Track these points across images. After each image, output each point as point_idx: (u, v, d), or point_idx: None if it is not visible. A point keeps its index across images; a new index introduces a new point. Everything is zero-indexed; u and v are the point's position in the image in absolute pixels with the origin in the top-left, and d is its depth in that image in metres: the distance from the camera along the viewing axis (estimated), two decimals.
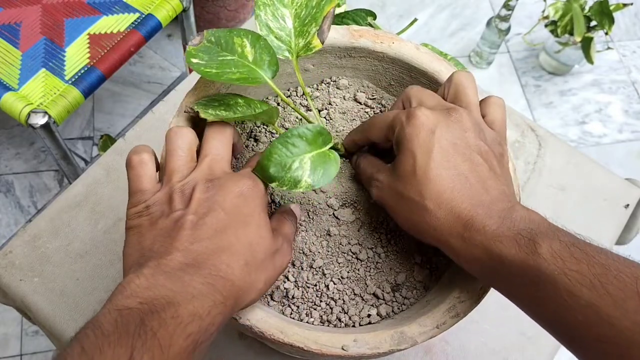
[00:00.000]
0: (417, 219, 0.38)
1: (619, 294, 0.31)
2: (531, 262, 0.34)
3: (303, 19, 0.43)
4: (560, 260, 0.33)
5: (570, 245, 0.34)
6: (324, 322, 0.43)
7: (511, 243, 0.35)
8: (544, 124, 1.56)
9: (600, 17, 1.36)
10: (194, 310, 0.31)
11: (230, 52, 0.41)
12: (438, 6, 1.74)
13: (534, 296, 0.34)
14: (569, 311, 0.32)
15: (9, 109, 0.90)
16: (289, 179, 0.39)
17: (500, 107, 0.43)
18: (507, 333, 0.59)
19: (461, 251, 0.37)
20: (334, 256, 0.45)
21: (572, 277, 0.32)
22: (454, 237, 0.37)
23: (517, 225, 0.36)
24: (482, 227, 0.36)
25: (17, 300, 0.58)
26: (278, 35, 0.43)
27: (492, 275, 0.37)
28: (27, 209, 1.36)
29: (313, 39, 0.43)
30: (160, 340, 0.29)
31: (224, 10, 1.48)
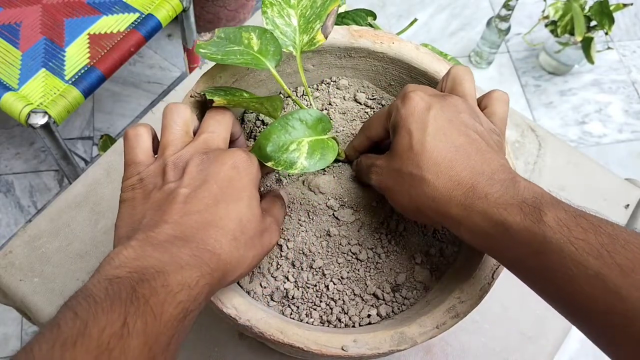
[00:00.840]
0: (416, 192, 0.38)
1: (627, 263, 0.30)
2: (536, 230, 0.33)
3: (308, 18, 0.44)
4: (567, 229, 0.32)
5: (576, 215, 0.33)
6: (324, 323, 0.43)
7: (515, 210, 0.34)
8: (544, 124, 1.56)
9: (600, 17, 1.36)
10: (183, 280, 0.31)
11: (237, 44, 0.42)
12: (438, 6, 1.74)
13: (539, 266, 0.33)
14: (575, 281, 0.31)
15: (9, 109, 0.90)
16: (285, 159, 0.39)
17: (503, 102, 0.42)
18: (507, 333, 0.59)
19: (462, 220, 0.36)
20: (333, 256, 0.45)
21: (579, 246, 0.31)
22: (454, 206, 0.36)
23: (521, 193, 0.35)
24: (484, 194, 0.35)
25: (17, 301, 0.58)
26: (283, 31, 0.44)
27: (495, 245, 0.36)
28: (27, 209, 1.36)
29: (317, 34, 0.44)
30: (153, 307, 0.29)
31: (224, 10, 1.48)
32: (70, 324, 0.28)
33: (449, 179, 0.37)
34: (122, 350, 0.27)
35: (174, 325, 0.30)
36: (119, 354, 0.27)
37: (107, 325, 0.28)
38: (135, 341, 0.28)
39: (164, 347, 0.29)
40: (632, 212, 0.69)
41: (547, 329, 0.60)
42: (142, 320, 0.28)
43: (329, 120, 0.42)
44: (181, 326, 0.31)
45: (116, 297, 0.29)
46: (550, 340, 0.59)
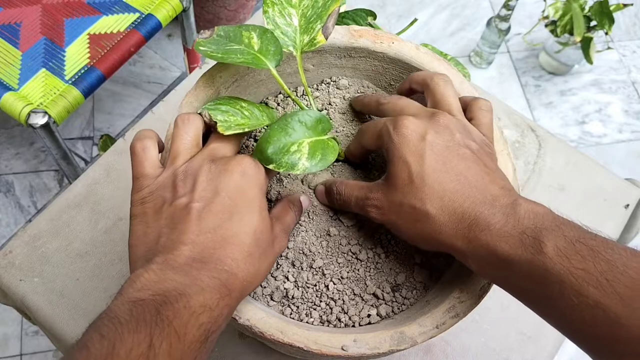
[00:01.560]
0: (421, 226, 0.38)
1: (626, 292, 0.31)
2: (537, 263, 0.33)
3: (308, 18, 0.44)
4: (566, 259, 0.32)
5: (575, 241, 0.33)
6: (324, 322, 0.43)
7: (517, 243, 0.34)
8: (544, 124, 1.56)
9: (600, 17, 1.36)
10: (204, 302, 0.32)
11: (237, 43, 0.42)
12: (438, 6, 1.74)
13: (542, 296, 0.34)
14: (577, 310, 0.32)
15: (9, 109, 0.90)
16: (286, 161, 0.39)
17: (488, 111, 0.43)
18: (507, 333, 0.59)
19: (468, 253, 0.37)
20: (333, 256, 0.45)
21: (579, 276, 0.32)
22: (459, 240, 0.37)
23: (522, 222, 0.35)
24: (487, 226, 0.36)
25: (17, 301, 0.58)
26: (284, 31, 0.44)
27: (501, 276, 0.37)
28: (27, 209, 1.36)
29: (317, 35, 0.44)
30: (177, 328, 0.30)
31: (224, 10, 1.48)
32: (98, 346, 0.28)
33: (453, 212, 0.37)
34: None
35: (197, 347, 0.31)
36: None
37: (133, 347, 0.28)
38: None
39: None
40: (632, 212, 0.69)
41: (547, 329, 0.59)
42: (167, 342, 0.29)
43: (328, 121, 0.42)
44: (203, 348, 0.31)
45: (141, 319, 0.29)
46: (550, 340, 0.59)
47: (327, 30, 0.44)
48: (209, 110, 0.40)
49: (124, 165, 0.64)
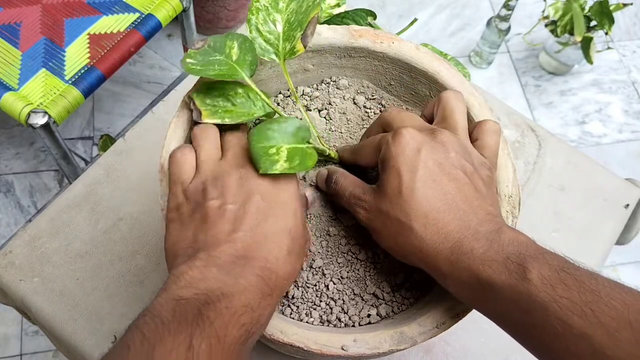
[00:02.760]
0: (403, 240, 0.38)
1: (611, 323, 0.30)
2: (521, 289, 0.33)
3: (292, 24, 0.44)
4: (551, 287, 0.32)
5: (559, 270, 0.33)
6: (324, 322, 0.43)
7: (500, 268, 0.34)
8: (544, 124, 1.56)
9: (600, 17, 1.36)
10: (246, 302, 0.32)
11: (219, 53, 0.43)
12: (438, 6, 1.74)
13: (524, 323, 0.34)
14: (561, 340, 0.32)
15: (9, 109, 0.90)
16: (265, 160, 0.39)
17: (495, 134, 0.42)
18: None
19: (448, 274, 0.37)
20: (333, 256, 0.45)
21: (563, 305, 0.32)
22: (440, 260, 0.37)
23: (506, 248, 0.35)
24: (470, 249, 0.36)
25: (17, 300, 0.58)
26: (267, 38, 0.44)
27: (481, 300, 0.36)
28: (27, 209, 1.36)
29: (297, 43, 0.43)
30: (217, 329, 0.30)
31: (224, 10, 1.48)
32: (139, 346, 0.29)
33: (437, 232, 0.37)
34: None
35: (237, 348, 0.31)
36: None
37: (173, 349, 0.29)
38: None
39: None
40: (632, 212, 0.69)
41: None
42: (207, 343, 0.29)
43: (307, 129, 0.42)
44: (243, 349, 0.32)
45: (182, 319, 0.30)
46: None
47: (306, 38, 0.43)
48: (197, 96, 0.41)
49: (124, 166, 0.64)
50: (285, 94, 0.51)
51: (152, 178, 0.63)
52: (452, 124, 0.41)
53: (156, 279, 0.58)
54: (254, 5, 0.44)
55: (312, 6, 0.44)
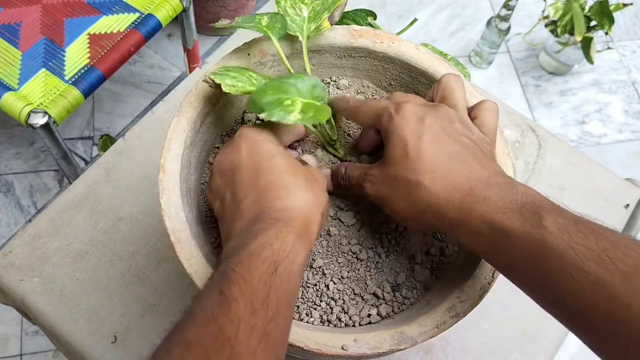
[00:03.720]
0: (413, 198, 0.38)
1: (628, 270, 0.30)
2: (536, 235, 0.33)
3: (317, 11, 0.46)
4: (567, 234, 0.32)
5: (575, 220, 0.33)
6: (324, 322, 0.43)
7: (515, 215, 0.34)
8: (544, 124, 1.56)
9: (600, 17, 1.36)
10: (262, 241, 0.33)
11: (249, 22, 0.46)
12: (438, 6, 1.74)
13: (538, 271, 0.33)
14: (576, 287, 0.31)
15: (9, 109, 0.90)
16: (279, 112, 0.39)
17: (493, 112, 0.43)
18: (507, 333, 0.59)
19: (461, 224, 0.36)
20: (334, 256, 0.45)
21: (580, 252, 0.31)
22: (452, 210, 0.37)
23: (520, 198, 0.35)
24: (483, 198, 0.35)
25: (17, 301, 0.58)
26: (293, 19, 0.46)
27: (493, 249, 0.36)
28: (27, 209, 1.36)
29: (324, 22, 0.46)
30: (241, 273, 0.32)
31: (224, 10, 1.48)
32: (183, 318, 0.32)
33: (446, 184, 0.37)
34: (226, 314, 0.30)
35: (266, 278, 0.32)
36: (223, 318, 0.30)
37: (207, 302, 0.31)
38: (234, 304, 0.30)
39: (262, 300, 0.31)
40: (632, 212, 0.69)
41: (547, 329, 0.60)
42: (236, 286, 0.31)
43: (324, 88, 0.43)
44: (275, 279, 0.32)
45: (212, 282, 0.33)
46: (550, 340, 0.59)
47: (332, 18, 0.46)
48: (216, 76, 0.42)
49: (123, 165, 0.64)
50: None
51: (152, 178, 0.63)
52: (452, 103, 0.42)
53: (156, 279, 0.58)
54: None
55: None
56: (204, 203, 0.47)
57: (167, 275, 0.58)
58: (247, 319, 0.30)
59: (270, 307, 0.31)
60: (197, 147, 0.46)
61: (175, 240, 0.40)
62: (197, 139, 0.45)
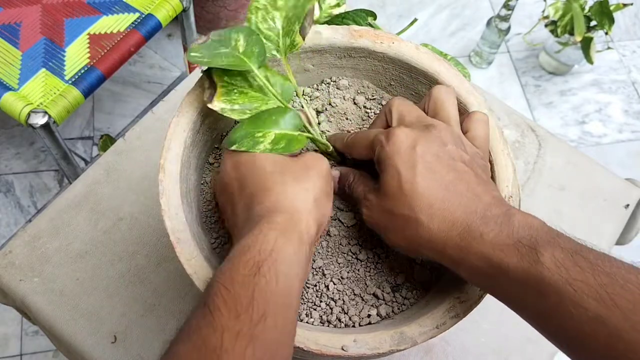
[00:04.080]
0: (411, 233, 0.38)
1: (627, 305, 0.30)
2: (534, 272, 0.33)
3: (290, 19, 0.44)
4: (564, 270, 0.32)
5: (573, 253, 0.33)
6: (324, 323, 0.43)
7: (512, 252, 0.34)
8: (544, 124, 1.56)
9: (600, 17, 1.36)
10: (242, 245, 0.34)
11: (225, 46, 0.42)
12: (438, 6, 1.74)
13: (538, 307, 0.33)
14: (576, 323, 0.31)
15: (9, 109, 0.90)
16: (248, 142, 0.40)
17: (484, 123, 0.43)
18: (507, 333, 0.59)
19: (460, 261, 0.36)
20: (333, 256, 0.45)
21: (578, 288, 0.31)
22: (450, 248, 0.36)
23: (517, 231, 0.35)
24: (479, 234, 0.35)
25: (17, 301, 0.58)
26: (267, 35, 0.44)
27: (494, 285, 0.36)
28: (27, 209, 1.36)
29: (296, 37, 0.44)
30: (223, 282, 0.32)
31: (224, 10, 1.48)
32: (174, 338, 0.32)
33: (443, 220, 0.37)
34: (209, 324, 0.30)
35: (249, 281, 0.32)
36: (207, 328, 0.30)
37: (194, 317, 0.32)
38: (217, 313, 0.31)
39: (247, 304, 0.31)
40: (632, 212, 0.69)
41: None
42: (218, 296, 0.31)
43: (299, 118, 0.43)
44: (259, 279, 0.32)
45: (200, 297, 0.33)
46: None
47: (304, 30, 0.44)
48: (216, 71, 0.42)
49: (123, 166, 0.64)
50: None
51: (152, 178, 0.63)
52: (445, 116, 0.42)
53: (156, 279, 0.58)
54: (254, 4, 0.44)
55: None
56: (204, 203, 0.47)
57: (167, 276, 0.58)
58: (231, 326, 0.30)
59: (257, 309, 0.31)
60: (197, 147, 0.46)
61: (175, 240, 0.40)
62: (197, 138, 0.45)
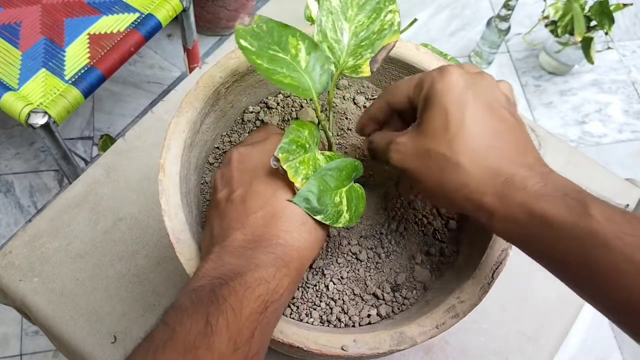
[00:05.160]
0: (447, 176, 0.35)
1: None
2: (583, 224, 0.31)
3: (360, 40, 0.42)
4: (615, 224, 0.31)
5: (621, 211, 0.31)
6: (324, 322, 0.43)
7: (559, 203, 0.32)
8: (544, 124, 1.56)
9: (600, 17, 1.36)
10: (259, 276, 0.33)
11: (283, 50, 0.39)
12: (438, 6, 1.74)
13: (581, 261, 0.32)
14: (623, 276, 0.30)
15: (9, 109, 0.90)
16: (333, 213, 0.37)
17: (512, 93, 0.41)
18: (507, 333, 0.59)
19: (496, 211, 0.34)
20: (333, 256, 0.45)
21: (628, 242, 0.30)
22: (488, 195, 0.34)
23: (563, 187, 0.33)
24: (524, 186, 0.33)
25: (16, 301, 0.58)
26: (331, 45, 0.41)
27: (532, 238, 0.34)
28: (27, 209, 1.36)
29: (364, 64, 0.41)
30: (232, 304, 0.31)
31: (224, 10, 1.48)
32: (161, 332, 0.30)
33: (486, 167, 0.35)
34: (208, 347, 0.29)
35: (255, 318, 0.32)
36: (204, 350, 0.29)
37: (192, 327, 0.30)
38: (219, 337, 0.30)
39: (247, 339, 0.31)
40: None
41: (547, 329, 0.60)
42: (224, 318, 0.30)
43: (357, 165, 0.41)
44: (263, 318, 0.32)
45: (199, 303, 0.31)
46: (550, 340, 0.59)
47: (375, 63, 0.41)
48: (281, 152, 0.37)
49: (123, 166, 0.64)
50: (285, 94, 0.51)
51: (152, 178, 0.63)
52: None
53: (156, 279, 0.58)
54: (325, 5, 0.41)
55: (388, 31, 0.42)
56: (204, 203, 0.47)
57: (167, 275, 0.58)
58: (228, 355, 0.30)
59: (252, 347, 0.31)
60: (196, 148, 0.46)
61: (175, 240, 0.40)
62: (196, 139, 0.45)
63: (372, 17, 0.42)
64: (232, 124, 0.50)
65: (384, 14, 0.42)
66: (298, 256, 0.36)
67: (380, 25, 0.42)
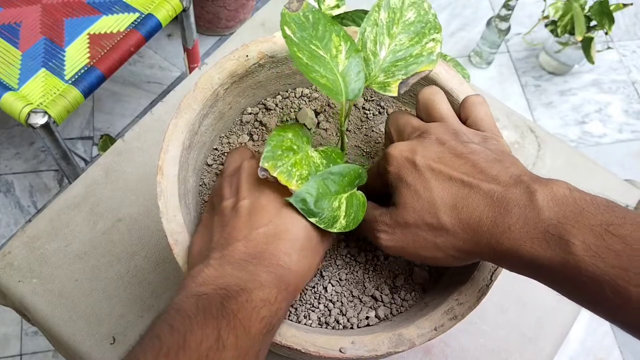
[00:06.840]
0: (443, 241, 0.36)
1: None
2: (569, 264, 0.31)
3: (396, 58, 0.42)
4: (599, 258, 0.30)
5: (604, 233, 0.30)
6: (322, 324, 0.43)
7: (542, 245, 0.32)
8: (544, 124, 1.56)
9: (600, 17, 1.36)
10: (264, 297, 0.33)
11: (324, 48, 0.39)
12: (438, 6, 1.74)
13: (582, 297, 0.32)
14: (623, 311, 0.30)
15: (9, 109, 0.90)
16: (329, 217, 0.37)
17: (481, 105, 0.41)
18: (506, 334, 0.59)
19: (497, 259, 0.35)
20: (332, 258, 0.45)
21: (617, 276, 0.30)
22: (483, 248, 0.35)
23: (542, 214, 0.32)
24: (507, 227, 0.33)
25: (15, 301, 0.58)
26: (368, 57, 0.41)
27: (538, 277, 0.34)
28: (27, 209, 1.36)
29: (394, 83, 0.41)
30: (242, 321, 0.31)
31: (224, 10, 1.48)
32: (169, 337, 0.30)
33: (468, 224, 0.35)
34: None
35: (260, 338, 0.32)
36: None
37: (203, 339, 0.30)
38: (229, 354, 0.30)
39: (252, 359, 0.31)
40: None
41: (547, 330, 0.60)
42: (234, 334, 0.30)
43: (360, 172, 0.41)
44: (266, 339, 0.33)
45: (208, 312, 0.31)
46: (549, 341, 0.59)
47: (404, 86, 0.41)
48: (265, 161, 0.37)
49: (123, 166, 0.64)
50: (284, 95, 0.51)
51: (152, 179, 0.63)
52: (438, 116, 0.41)
53: (155, 280, 0.58)
54: (373, 17, 0.41)
55: (426, 58, 0.41)
56: (202, 205, 0.47)
57: (166, 277, 0.58)
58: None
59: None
60: (195, 149, 0.46)
61: (173, 242, 0.40)
62: (195, 140, 0.45)
63: (414, 40, 0.42)
64: (231, 125, 0.50)
65: (425, 40, 0.42)
66: (295, 281, 0.36)
67: (420, 50, 0.42)
